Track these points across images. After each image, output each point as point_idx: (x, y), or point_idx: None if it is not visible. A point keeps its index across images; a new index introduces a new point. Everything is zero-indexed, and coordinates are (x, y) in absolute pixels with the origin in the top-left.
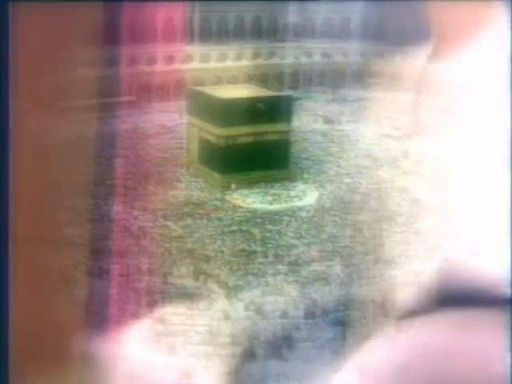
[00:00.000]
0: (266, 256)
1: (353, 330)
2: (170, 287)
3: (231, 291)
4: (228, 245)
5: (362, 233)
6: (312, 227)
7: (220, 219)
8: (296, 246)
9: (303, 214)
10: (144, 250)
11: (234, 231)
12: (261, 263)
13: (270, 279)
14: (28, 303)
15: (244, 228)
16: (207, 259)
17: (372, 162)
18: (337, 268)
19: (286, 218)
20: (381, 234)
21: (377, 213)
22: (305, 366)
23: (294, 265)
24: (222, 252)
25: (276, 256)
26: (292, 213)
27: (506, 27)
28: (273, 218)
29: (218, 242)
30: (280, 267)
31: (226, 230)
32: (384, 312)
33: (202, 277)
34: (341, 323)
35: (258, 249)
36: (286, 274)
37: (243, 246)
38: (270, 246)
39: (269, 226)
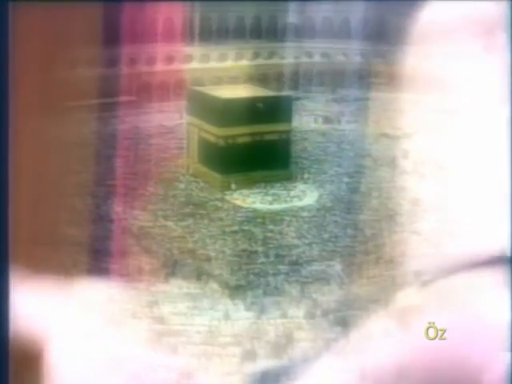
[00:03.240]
0: (267, 256)
1: (353, 330)
2: (171, 287)
3: (233, 291)
4: (229, 245)
5: (362, 232)
6: (313, 227)
7: (221, 219)
8: (297, 246)
9: (304, 213)
10: (144, 250)
11: (235, 231)
12: (262, 263)
13: (270, 279)
14: (29, 301)
15: (245, 228)
16: (208, 259)
17: (372, 162)
18: (337, 268)
19: (287, 218)
20: (381, 234)
21: (377, 212)
22: (305, 366)
23: (295, 264)
24: (224, 252)
25: (277, 256)
26: (293, 213)
27: (506, 27)
28: (274, 218)
29: (220, 242)
30: (281, 267)
31: (227, 230)
32: (384, 312)
33: (203, 277)
34: (341, 323)
35: (260, 249)
36: (287, 273)
37: (244, 246)
38: (271, 245)
39: (270, 226)
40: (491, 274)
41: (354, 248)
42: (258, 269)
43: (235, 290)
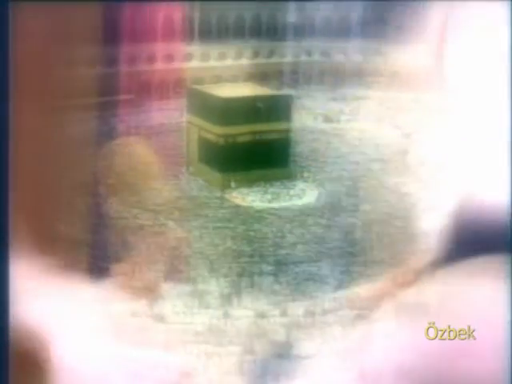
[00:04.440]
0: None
1: (352, 329)
2: (171, 286)
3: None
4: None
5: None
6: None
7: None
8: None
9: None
10: (144, 249)
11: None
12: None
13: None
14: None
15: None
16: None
17: (371, 160)
18: (337, 267)
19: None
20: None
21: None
22: (304, 366)
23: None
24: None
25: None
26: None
27: (506, 27)
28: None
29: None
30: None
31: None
32: (382, 312)
33: (203, 276)
34: (340, 323)
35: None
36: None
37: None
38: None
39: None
40: (491, 273)
41: (354, 247)
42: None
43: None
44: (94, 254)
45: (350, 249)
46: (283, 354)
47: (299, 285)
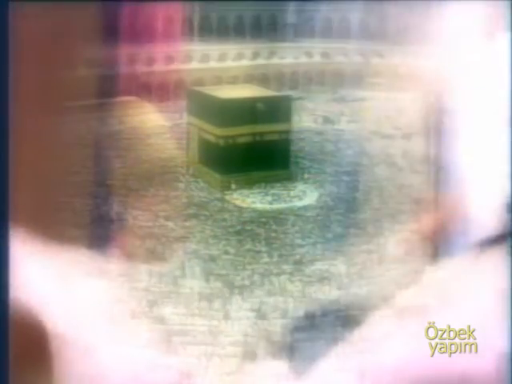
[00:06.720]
0: (270, 256)
1: (353, 329)
2: (170, 287)
3: (236, 291)
4: (233, 245)
5: (363, 232)
6: (316, 226)
7: (224, 220)
8: (300, 246)
9: (307, 213)
10: (143, 251)
11: (238, 231)
12: (266, 263)
13: (274, 279)
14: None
15: (249, 228)
16: (212, 259)
17: (372, 162)
18: (341, 267)
19: (290, 218)
20: (383, 233)
21: (377, 212)
22: (305, 366)
23: (299, 264)
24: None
25: (280, 255)
26: (296, 212)
27: (506, 27)
28: (277, 217)
29: (223, 242)
30: (285, 267)
31: (230, 230)
32: (385, 311)
33: (206, 277)
34: (341, 323)
35: (263, 248)
36: (290, 273)
37: (248, 246)
38: (274, 245)
39: (273, 226)
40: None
41: (354, 247)
42: (261, 268)
43: (238, 290)
44: (94, 255)
45: (351, 248)
46: (283, 354)
47: (304, 286)
